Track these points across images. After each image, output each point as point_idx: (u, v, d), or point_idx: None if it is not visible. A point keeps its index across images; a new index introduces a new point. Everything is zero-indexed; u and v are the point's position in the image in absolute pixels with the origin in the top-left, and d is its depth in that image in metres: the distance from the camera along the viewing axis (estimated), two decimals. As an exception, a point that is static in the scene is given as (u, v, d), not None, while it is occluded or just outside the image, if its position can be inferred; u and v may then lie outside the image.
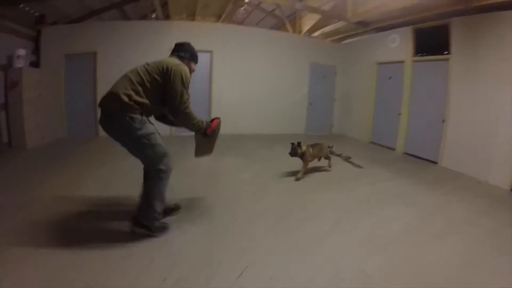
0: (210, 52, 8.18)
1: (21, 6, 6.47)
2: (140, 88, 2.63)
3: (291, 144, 4.91)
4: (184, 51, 3.03)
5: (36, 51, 7.38)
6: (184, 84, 2.71)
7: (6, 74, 6.37)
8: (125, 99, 2.54)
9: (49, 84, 7.17)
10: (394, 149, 7.30)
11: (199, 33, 7.90)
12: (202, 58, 8.09)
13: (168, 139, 3.69)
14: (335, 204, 3.99)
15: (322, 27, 9.56)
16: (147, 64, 2.74)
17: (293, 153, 4.86)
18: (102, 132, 2.79)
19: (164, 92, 2.71)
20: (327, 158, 5.52)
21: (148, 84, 2.66)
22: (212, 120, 3.15)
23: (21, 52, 6.48)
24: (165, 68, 2.68)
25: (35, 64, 7.20)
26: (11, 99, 6.43)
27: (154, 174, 2.77)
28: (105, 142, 3.72)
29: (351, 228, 3.30)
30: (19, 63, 6.44)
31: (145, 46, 7.58)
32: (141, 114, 2.65)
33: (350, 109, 9.27)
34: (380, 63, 7.98)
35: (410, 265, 2.63)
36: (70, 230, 3.02)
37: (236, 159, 6.10)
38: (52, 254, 2.58)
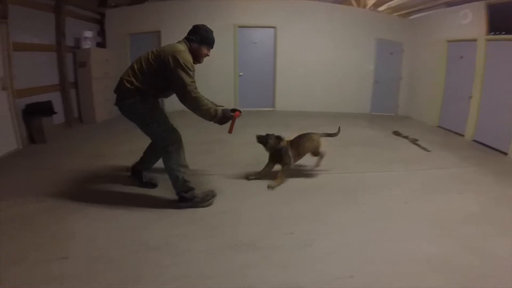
0: (274, 28, 7.96)
1: None
2: (140, 76, 2.82)
3: (257, 137, 3.70)
4: (195, 34, 3.00)
5: (102, 32, 7.76)
6: (185, 70, 2.70)
7: (74, 55, 6.76)
8: (127, 85, 2.79)
9: (115, 63, 7.49)
10: (462, 135, 6.55)
11: (262, 9, 7.72)
12: (265, 34, 8.42)
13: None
14: (402, 183, 3.90)
15: (388, 1, 8.83)
16: (152, 52, 2.88)
17: (270, 146, 3.63)
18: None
19: (168, 80, 2.79)
20: (317, 154, 4.04)
21: (148, 72, 2.81)
22: (234, 110, 3.16)
23: (88, 34, 6.88)
24: (164, 58, 2.73)
25: (101, 44, 7.53)
26: (81, 78, 6.83)
27: (162, 150, 2.95)
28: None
29: (417, 209, 3.22)
30: (87, 44, 6.83)
31: (208, 24, 7.46)
32: (144, 97, 2.84)
33: (417, 89, 8.48)
34: (450, 41, 7.16)
35: (471, 254, 2.42)
36: (136, 194, 3.34)
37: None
38: (125, 214, 2.90)
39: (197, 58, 3.01)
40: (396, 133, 6.33)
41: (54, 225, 2.66)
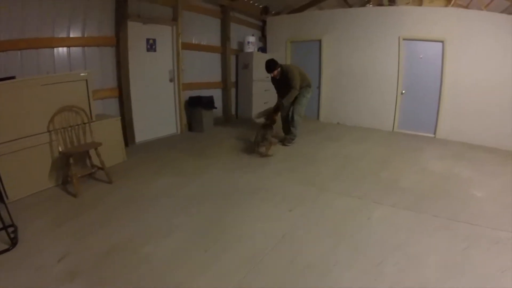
0: (442, 42, 6.22)
1: None
2: None
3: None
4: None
5: (263, 38, 8.09)
6: None
7: (237, 57, 7.29)
8: None
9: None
10: None
11: (429, 19, 6.31)
12: (431, 48, 6.67)
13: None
14: None
15: None
16: None
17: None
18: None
19: None
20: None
21: None
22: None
23: (251, 39, 7.24)
24: None
25: (263, 49, 7.84)
26: (242, 78, 7.29)
27: None
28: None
29: None
30: (249, 48, 7.19)
31: (369, 33, 6.78)
32: None
33: None
34: None
35: None
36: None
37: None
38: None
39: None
40: None
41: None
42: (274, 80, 5.15)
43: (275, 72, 4.94)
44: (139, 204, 2.88)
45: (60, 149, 3.24)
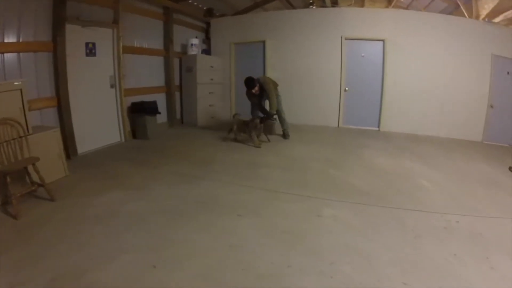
0: (382, 41, 6.86)
1: (190, 1, 7.20)
2: None
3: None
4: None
5: (207, 40, 8.07)
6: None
7: (181, 60, 7.16)
8: None
9: (219, 70, 7.74)
10: None
11: (370, 20, 6.84)
12: (372, 47, 7.20)
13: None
14: None
15: (505, 11, 7.09)
16: None
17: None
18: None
19: None
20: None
21: None
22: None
23: (194, 41, 7.17)
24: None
25: (207, 51, 7.81)
26: (186, 82, 7.20)
27: None
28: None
29: None
30: (193, 51, 7.11)
31: (313, 34, 7.16)
32: None
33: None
34: None
35: None
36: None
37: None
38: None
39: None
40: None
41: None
42: (251, 94, 5.56)
43: (256, 88, 5.45)
44: (82, 225, 2.73)
45: (-5, 168, 2.98)
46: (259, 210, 3.04)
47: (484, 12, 7.86)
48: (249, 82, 5.40)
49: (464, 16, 8.06)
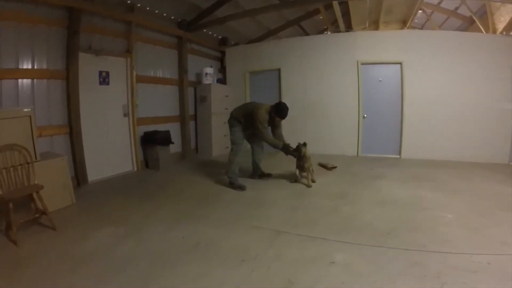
0: (400, 63, 6.60)
1: (204, 30, 7.28)
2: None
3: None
4: (276, 106, 4.54)
5: (222, 69, 8.09)
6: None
7: (195, 90, 7.13)
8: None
9: (234, 99, 7.57)
10: None
11: (385, 43, 6.67)
12: (389, 71, 6.93)
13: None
14: None
15: None
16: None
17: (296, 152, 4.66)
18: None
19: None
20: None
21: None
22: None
23: (209, 70, 7.16)
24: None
25: (222, 81, 7.81)
26: (200, 111, 7.13)
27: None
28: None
29: None
30: (207, 80, 7.10)
31: (328, 60, 7.03)
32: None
33: None
34: None
35: None
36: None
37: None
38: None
39: (273, 119, 4.56)
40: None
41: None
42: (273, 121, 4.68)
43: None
44: (72, 263, 2.49)
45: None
46: (262, 251, 2.64)
47: (501, 26, 7.60)
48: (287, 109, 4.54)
49: (481, 32, 7.80)
